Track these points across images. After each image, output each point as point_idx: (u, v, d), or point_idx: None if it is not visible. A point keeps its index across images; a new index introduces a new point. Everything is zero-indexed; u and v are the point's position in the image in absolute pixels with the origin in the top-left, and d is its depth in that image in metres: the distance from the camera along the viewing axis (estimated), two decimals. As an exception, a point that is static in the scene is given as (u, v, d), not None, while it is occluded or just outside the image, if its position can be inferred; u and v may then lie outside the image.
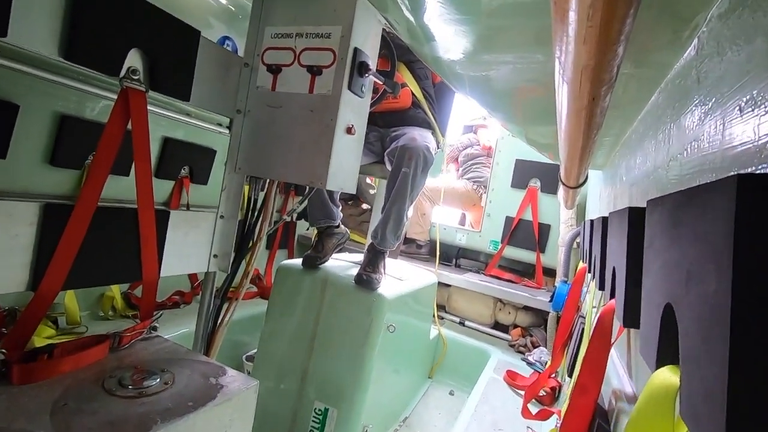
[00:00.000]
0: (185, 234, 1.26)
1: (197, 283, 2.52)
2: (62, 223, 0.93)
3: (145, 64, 1.03)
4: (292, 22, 1.22)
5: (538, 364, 2.47)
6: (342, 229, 2.06)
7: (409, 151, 1.77)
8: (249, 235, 1.42)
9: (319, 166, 1.16)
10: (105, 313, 2.02)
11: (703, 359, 0.30)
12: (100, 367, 0.93)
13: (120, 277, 1.13)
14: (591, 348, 0.82)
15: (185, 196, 2.22)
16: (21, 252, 0.90)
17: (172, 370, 0.97)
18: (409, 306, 2.04)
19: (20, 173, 1.51)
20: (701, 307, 0.31)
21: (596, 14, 0.39)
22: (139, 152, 1.04)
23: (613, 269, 0.79)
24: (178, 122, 2.01)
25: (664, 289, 0.41)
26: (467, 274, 3.27)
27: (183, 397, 0.87)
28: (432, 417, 2.26)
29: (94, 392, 0.83)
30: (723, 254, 0.27)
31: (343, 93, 1.14)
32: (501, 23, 0.81)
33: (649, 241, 0.50)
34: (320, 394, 1.71)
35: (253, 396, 0.98)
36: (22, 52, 1.27)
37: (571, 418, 0.85)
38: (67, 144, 1.60)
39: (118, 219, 1.07)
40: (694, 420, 0.31)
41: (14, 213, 0.89)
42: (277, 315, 1.89)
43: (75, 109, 1.61)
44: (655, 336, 0.44)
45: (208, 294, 1.42)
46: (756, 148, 0.32)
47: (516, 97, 1.22)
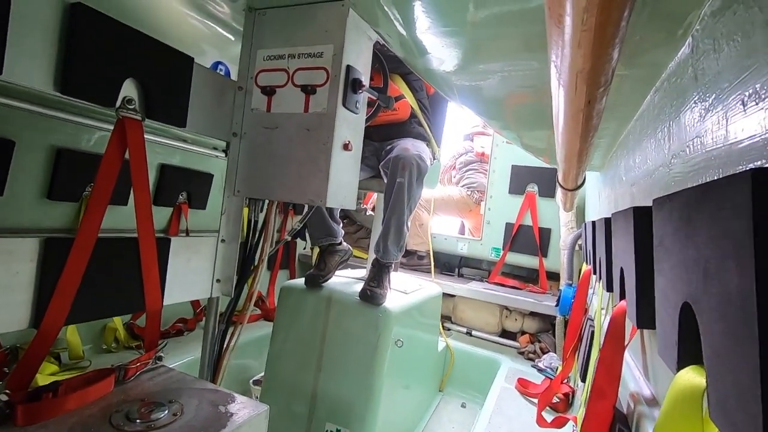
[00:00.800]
0: (187, 260, 1.25)
1: (200, 309, 2.49)
2: (63, 257, 0.92)
3: (141, 93, 1.03)
4: (283, 44, 1.23)
5: (549, 370, 2.44)
6: (344, 246, 2.05)
7: (402, 161, 1.77)
8: (251, 257, 1.41)
9: (318, 184, 1.16)
10: (108, 345, 1.99)
11: (731, 358, 0.29)
12: (106, 402, 0.91)
13: (123, 309, 1.11)
14: (605, 351, 0.81)
15: (184, 221, 2.21)
16: (22, 289, 0.89)
17: (180, 400, 0.95)
18: (415, 319, 2.02)
19: (18, 209, 1.51)
20: (723, 305, 0.30)
21: (590, 18, 0.39)
22: (138, 181, 1.04)
23: (621, 270, 0.79)
24: (174, 149, 2.02)
25: (680, 287, 0.40)
26: (471, 283, 3.25)
27: (193, 428, 0.85)
28: (446, 431, 2.22)
29: (102, 429, 0.82)
30: (743, 250, 0.27)
31: (338, 110, 1.15)
32: (488, 33, 0.82)
33: (659, 240, 0.49)
34: (331, 416, 1.67)
35: (263, 422, 0.96)
36: (18, 89, 1.28)
37: (590, 423, 0.83)
38: (65, 177, 1.60)
39: (118, 249, 1.06)
40: (727, 421, 0.30)
41: (14, 250, 0.88)
42: (282, 336, 1.86)
43: (71, 141, 1.62)
44: (674, 336, 0.43)
45: (212, 320, 1.40)
46: (763, 142, 0.32)
47: (509, 104, 1.23)
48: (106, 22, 0.95)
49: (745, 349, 0.27)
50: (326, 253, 1.97)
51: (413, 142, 1.96)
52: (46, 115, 1.43)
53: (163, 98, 1.08)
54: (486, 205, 3.40)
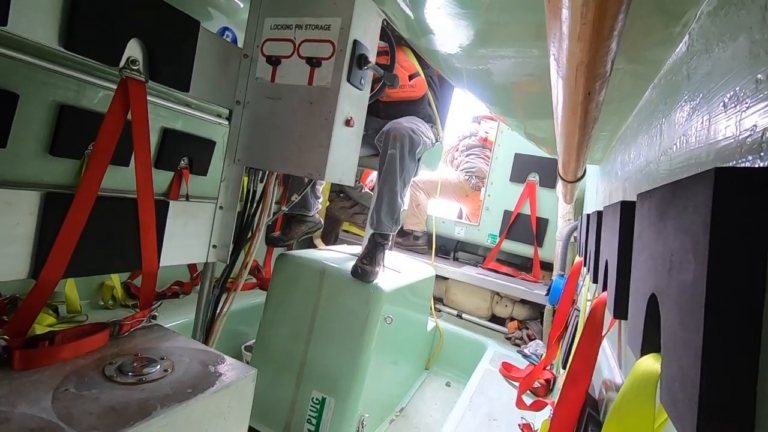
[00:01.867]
0: (185, 224, 1.27)
1: (196, 273, 2.53)
2: (63, 212, 0.94)
3: (145, 55, 1.03)
4: (291, 14, 1.22)
5: (534, 357, 2.49)
6: (315, 219, 2.08)
7: (393, 133, 1.78)
8: (248, 226, 1.43)
9: (317, 158, 1.17)
10: (105, 302, 2.04)
11: (681, 346, 0.31)
12: (100, 354, 0.94)
13: (120, 266, 1.14)
14: (583, 339, 0.84)
15: (184, 186, 2.23)
16: (22, 240, 0.91)
17: (172, 357, 0.98)
18: (406, 298, 2.06)
19: (20, 162, 1.52)
20: (680, 297, 0.32)
21: (589, 12, 0.40)
22: (139, 142, 1.05)
23: (606, 262, 0.81)
24: (177, 113, 2.01)
25: (650, 279, 0.42)
26: (465, 267, 3.29)
27: (182, 384, 0.89)
28: (428, 407, 2.29)
29: (95, 378, 0.85)
30: (700, 245, 0.28)
31: (342, 85, 1.14)
32: (500, 18, 0.81)
33: (638, 234, 0.51)
34: (318, 384, 1.73)
35: (250, 384, 1.00)
36: (22, 41, 1.27)
37: (562, 407, 0.87)
38: (67, 134, 1.60)
39: (118, 209, 1.08)
40: (671, 405, 0.33)
41: (14, 202, 0.89)
42: (275, 305, 1.90)
43: (74, 98, 1.62)
44: (640, 325, 0.45)
45: (207, 284, 1.43)
46: (737, 143, 0.33)
47: (514, 92, 1.23)
48: (113, -20, 0.94)
49: (692, 336, 0.28)
50: (294, 221, 2.00)
51: (411, 119, 1.96)
52: (50, 71, 1.42)
53: (167, 61, 1.08)
54: (486, 191, 3.40)
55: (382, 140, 1.83)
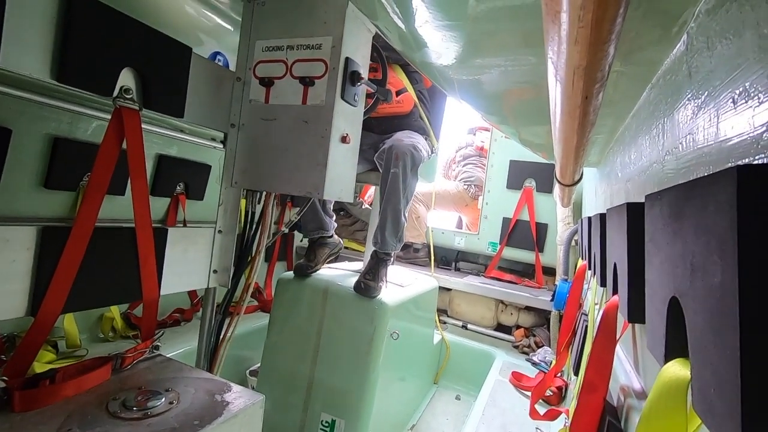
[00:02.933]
0: (184, 251, 1.25)
1: (197, 299, 2.50)
2: (60, 245, 0.93)
3: (138, 83, 1.03)
4: (282, 35, 1.22)
5: (543, 364, 2.46)
6: (335, 240, 2.06)
7: (395, 152, 1.78)
8: (248, 248, 1.41)
9: (315, 177, 1.16)
10: (105, 334, 2.00)
11: (714, 351, 0.30)
12: (103, 390, 0.92)
13: (120, 298, 1.12)
14: (596, 345, 0.82)
15: (181, 212, 2.21)
16: (19, 277, 0.89)
17: (177, 389, 0.96)
18: (411, 312, 2.04)
19: (15, 197, 1.50)
20: (708, 299, 0.31)
21: (587, 15, 0.39)
22: (135, 171, 1.04)
23: (614, 265, 0.80)
24: (172, 139, 2.01)
25: (668, 282, 0.41)
26: (467, 277, 3.27)
27: (189, 416, 0.86)
28: (440, 423, 2.24)
29: (98, 416, 0.82)
30: (727, 245, 0.27)
31: (336, 102, 1.15)
32: (489, 27, 0.82)
33: (649, 236, 0.50)
34: (326, 406, 1.69)
35: (259, 411, 0.98)
36: (14, 76, 1.27)
37: (580, 416, 0.84)
38: (62, 166, 1.59)
39: (115, 239, 1.06)
40: (708, 412, 0.31)
41: (11, 238, 0.88)
42: (279, 327, 1.87)
43: (68, 130, 1.61)
44: (661, 330, 0.44)
45: (209, 310, 1.41)
46: (752, 139, 0.32)
47: (508, 99, 1.23)
48: (104, 11, 0.95)
49: (727, 341, 0.27)
50: (316, 245, 1.98)
51: (409, 134, 1.97)
52: (43, 104, 1.42)
53: (160, 88, 1.08)
54: (483, 200, 3.41)
55: (383, 158, 1.82)
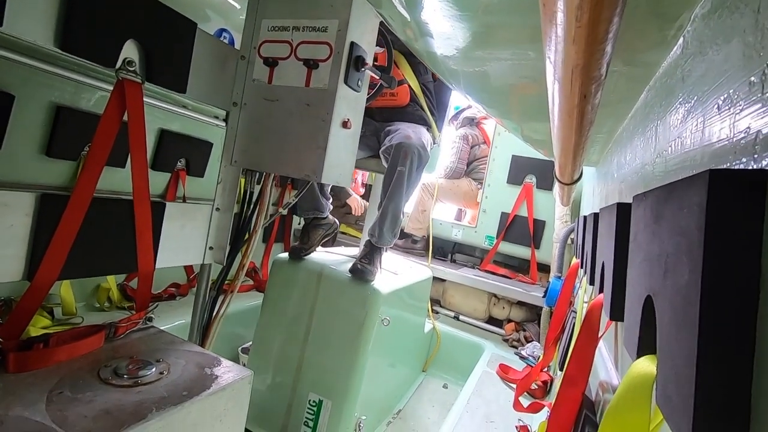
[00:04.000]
0: (181, 226, 1.27)
1: (193, 275, 2.52)
2: (58, 213, 0.94)
3: (142, 56, 1.03)
4: (289, 15, 1.22)
5: (531, 359, 2.50)
6: (330, 220, 2.07)
7: (404, 149, 1.78)
8: (245, 227, 1.42)
9: (314, 160, 1.17)
10: (101, 304, 2.02)
11: (676, 347, 0.31)
12: (95, 357, 0.94)
13: (116, 268, 1.13)
14: (579, 341, 0.84)
15: (181, 188, 2.22)
16: (17, 242, 0.91)
17: (168, 360, 0.98)
18: (403, 300, 2.06)
19: (16, 164, 1.51)
20: (675, 298, 0.32)
21: (584, 15, 0.40)
22: (135, 144, 1.05)
23: (602, 264, 0.81)
24: (174, 114, 2.01)
25: (645, 281, 0.42)
26: (462, 269, 3.29)
27: (178, 386, 0.88)
28: (425, 410, 2.29)
29: (90, 381, 0.84)
30: (694, 246, 0.28)
31: (339, 87, 1.14)
32: (497, 20, 0.82)
33: (633, 236, 0.51)
34: (315, 386, 1.72)
35: (247, 386, 1.00)
36: (18, 42, 1.26)
37: (559, 409, 0.87)
38: (63, 135, 1.59)
39: (114, 210, 1.07)
40: (667, 406, 0.33)
41: (10, 203, 0.89)
42: (272, 308, 1.90)
43: (71, 99, 1.61)
44: (636, 327, 0.45)
45: (203, 286, 1.43)
46: (731, 145, 0.33)
47: (511, 94, 1.23)
48: (110, -19, 0.94)
49: (687, 338, 0.29)
50: (310, 227, 1.99)
51: (415, 128, 1.96)
52: (46, 72, 1.41)
53: (164, 62, 1.08)
54: (483, 193, 3.41)
55: (390, 153, 1.82)
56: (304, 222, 2.05)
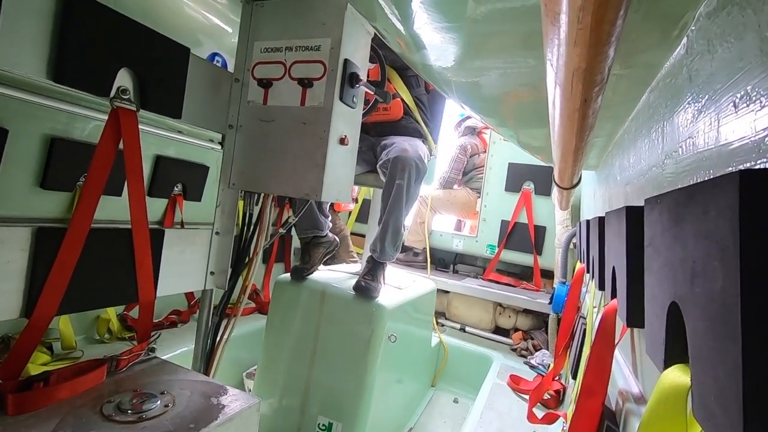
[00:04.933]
0: (181, 252, 1.25)
1: (194, 301, 2.48)
2: (55, 246, 0.92)
3: (135, 83, 1.02)
4: (281, 36, 1.22)
5: (541, 368, 2.45)
6: (329, 238, 2.05)
7: (401, 163, 1.77)
8: (245, 250, 1.40)
9: (313, 178, 1.16)
10: (101, 336, 1.98)
11: (715, 358, 0.29)
12: (97, 393, 0.91)
13: (116, 299, 1.11)
14: (595, 349, 0.82)
15: (179, 213, 2.20)
16: (14, 278, 0.88)
17: (172, 391, 0.95)
18: (409, 314, 2.03)
19: (11, 198, 1.49)
20: (709, 305, 0.31)
21: (586, 17, 0.39)
22: (132, 171, 1.04)
23: (613, 269, 0.79)
24: (169, 140, 2.00)
25: (668, 287, 0.41)
26: (465, 279, 3.27)
27: (184, 419, 0.85)
28: (437, 426, 2.23)
29: (93, 419, 0.82)
30: (728, 251, 0.27)
31: (335, 104, 1.14)
32: (488, 29, 0.82)
33: (649, 240, 0.49)
34: (323, 409, 1.68)
35: (255, 414, 0.97)
36: (10, 76, 1.27)
37: (578, 420, 0.84)
38: (58, 166, 1.58)
39: (112, 240, 1.06)
40: (708, 419, 0.31)
41: (6, 239, 0.87)
42: (276, 330, 1.87)
43: (65, 130, 1.60)
44: (661, 335, 0.43)
45: (206, 312, 1.40)
46: (753, 144, 0.32)
47: (507, 102, 1.23)
48: (101, 11, 0.94)
49: (728, 348, 0.27)
50: (311, 246, 1.97)
51: (411, 141, 1.96)
52: (39, 104, 1.41)
53: (158, 89, 1.07)
54: (482, 203, 3.41)
55: (388, 167, 1.82)
56: (302, 242, 2.03)
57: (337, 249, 2.12)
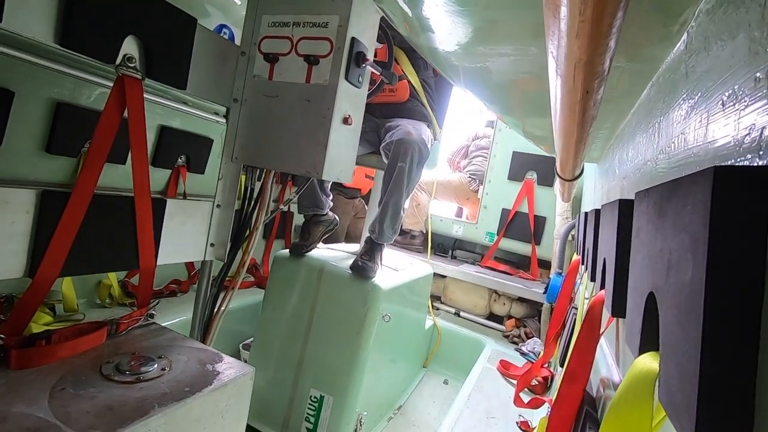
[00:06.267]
0: (182, 222, 1.26)
1: (194, 272, 2.52)
2: (59, 210, 0.94)
3: (142, 52, 1.02)
4: (289, 11, 1.21)
5: (532, 355, 2.50)
6: (330, 216, 2.07)
7: (405, 146, 1.77)
8: (246, 224, 1.42)
9: (315, 156, 1.16)
10: (102, 300, 2.03)
11: (679, 345, 0.31)
12: (97, 353, 0.94)
13: (117, 265, 1.13)
14: (580, 337, 0.84)
15: (182, 185, 2.22)
16: (18, 239, 0.91)
17: (169, 356, 0.98)
18: (404, 296, 2.06)
19: (16, 160, 1.51)
20: (679, 295, 0.32)
21: (588, 9, 0.39)
22: (136, 140, 1.04)
23: (604, 260, 0.81)
24: (174, 111, 2.00)
25: (648, 278, 0.42)
26: (463, 265, 3.30)
27: (180, 382, 0.88)
28: (426, 405, 2.29)
29: (92, 377, 0.85)
30: (699, 243, 0.28)
31: (339, 83, 1.14)
32: (498, 15, 0.81)
33: (636, 232, 0.51)
34: (316, 382, 1.73)
35: (248, 382, 1.00)
36: (18, 38, 1.26)
37: (560, 405, 0.87)
38: (63, 131, 1.59)
39: (114, 207, 1.07)
40: (670, 403, 0.33)
41: (11, 200, 0.89)
42: (273, 304, 1.90)
43: (71, 96, 1.61)
44: (638, 324, 0.45)
45: (204, 282, 1.43)
46: (736, 142, 0.33)
47: (512, 89, 1.22)
48: (110, -24, 0.94)
49: (691, 335, 0.28)
50: (311, 223, 1.99)
51: (415, 124, 1.95)
52: (46, 68, 1.41)
53: (164, 58, 1.07)
54: (484, 190, 3.41)
55: (390, 149, 1.82)
56: (304, 218, 2.05)
57: (337, 227, 2.13)
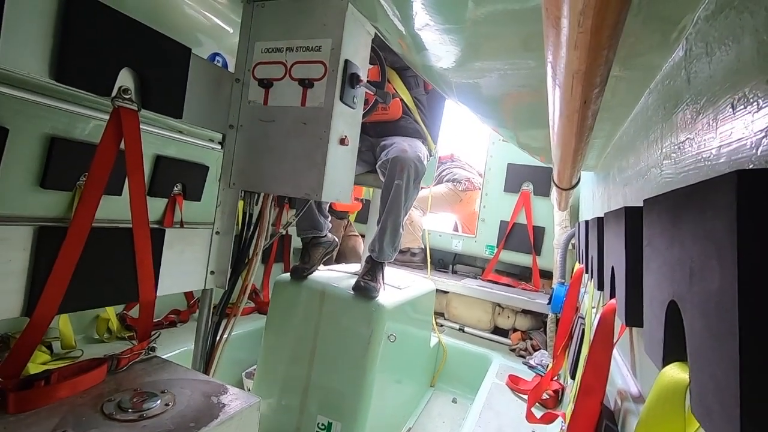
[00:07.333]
0: (181, 251, 1.25)
1: (193, 300, 2.49)
2: (56, 245, 0.92)
3: (137, 83, 1.03)
4: (281, 37, 1.23)
5: (540, 368, 2.46)
6: (329, 238, 2.06)
7: (400, 163, 1.78)
8: (245, 250, 1.41)
9: (313, 178, 1.16)
10: (100, 335, 1.98)
11: (712, 355, 0.30)
12: (98, 391, 0.91)
13: (116, 299, 1.11)
14: (593, 348, 0.82)
15: (179, 213, 2.20)
16: (15, 277, 0.89)
17: (173, 390, 0.95)
18: (408, 314, 2.04)
19: (11, 197, 1.49)
20: (707, 304, 0.31)
21: (587, 21, 0.40)
22: (133, 171, 1.04)
23: (612, 269, 0.80)
24: (170, 140, 2.00)
25: (667, 286, 0.41)
26: (465, 280, 3.27)
27: (184, 418, 0.85)
28: (436, 426, 2.24)
29: (93, 417, 0.82)
30: (726, 250, 0.28)
31: (335, 105, 1.15)
32: (488, 31, 0.82)
33: (648, 240, 0.50)
34: (323, 408, 1.69)
35: (255, 413, 0.97)
36: (12, 75, 1.27)
37: (577, 420, 0.84)
38: (59, 166, 1.58)
39: (112, 239, 1.06)
40: (706, 416, 0.31)
41: (7, 238, 0.87)
42: (275, 329, 1.87)
43: (65, 130, 1.60)
44: (660, 334, 0.44)
45: (205, 311, 1.40)
46: (751, 145, 0.32)
47: (507, 103, 1.24)
48: (103, 11, 0.94)
49: (726, 345, 0.27)
50: (310, 246, 1.98)
51: (410, 141, 1.97)
52: (40, 103, 1.41)
53: (159, 88, 1.08)
54: (481, 203, 3.42)
55: (387, 168, 1.82)
56: (302, 241, 2.03)
57: (336, 249, 2.12)
